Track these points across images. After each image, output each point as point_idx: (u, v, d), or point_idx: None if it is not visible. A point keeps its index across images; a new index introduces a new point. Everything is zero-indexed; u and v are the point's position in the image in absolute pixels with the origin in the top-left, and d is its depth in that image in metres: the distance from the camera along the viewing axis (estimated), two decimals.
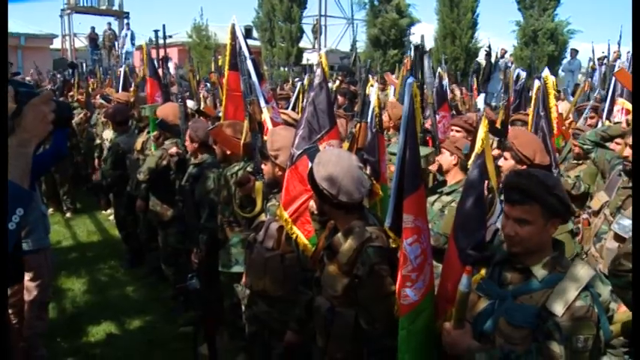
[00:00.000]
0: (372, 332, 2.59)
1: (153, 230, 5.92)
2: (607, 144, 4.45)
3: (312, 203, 3.08)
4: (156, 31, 5.86)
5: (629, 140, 3.65)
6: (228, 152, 4.24)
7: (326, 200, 2.69)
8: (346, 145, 3.43)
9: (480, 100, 7.23)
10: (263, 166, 3.55)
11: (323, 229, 3.04)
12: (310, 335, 3.03)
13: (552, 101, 3.87)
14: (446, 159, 3.80)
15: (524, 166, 3.15)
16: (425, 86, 5.98)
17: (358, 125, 3.46)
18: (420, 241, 2.41)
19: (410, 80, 2.47)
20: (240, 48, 4.29)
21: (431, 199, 3.82)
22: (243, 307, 3.85)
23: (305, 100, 3.44)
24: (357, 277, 2.61)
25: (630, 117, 4.69)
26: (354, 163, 2.72)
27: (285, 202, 3.24)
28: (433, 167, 4.08)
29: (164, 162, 5.28)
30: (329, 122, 3.39)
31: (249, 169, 3.97)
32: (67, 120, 2.65)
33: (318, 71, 3.43)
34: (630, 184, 3.72)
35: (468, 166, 3.21)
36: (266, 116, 4.01)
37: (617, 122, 4.96)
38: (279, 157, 3.38)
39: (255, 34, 28.66)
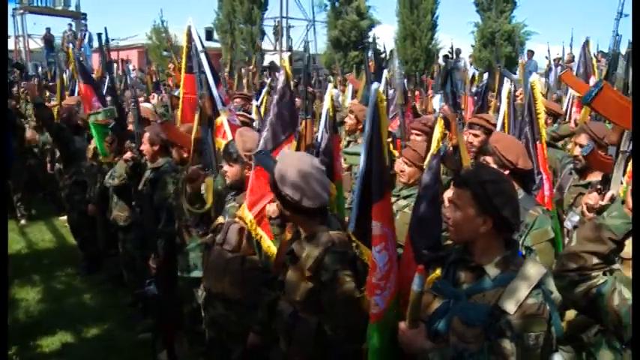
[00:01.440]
0: (335, 338, 2.58)
1: (111, 236, 5.82)
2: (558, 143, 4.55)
3: (269, 207, 3.06)
4: (99, 34, 5.76)
5: (578, 139, 3.75)
6: (185, 155, 4.20)
7: (288, 205, 2.66)
8: (294, 144, 3.44)
9: (436, 101, 7.29)
10: (227, 168, 3.50)
11: (283, 233, 3.03)
12: (272, 338, 3.01)
13: (541, 106, 3.91)
14: (414, 172, 3.77)
15: (507, 171, 3.13)
16: (395, 87, 6.00)
17: (304, 122, 3.46)
18: (387, 248, 2.38)
19: (375, 86, 2.43)
20: (197, 50, 4.24)
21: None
22: (203, 313, 3.81)
23: (269, 103, 3.45)
24: (320, 283, 2.59)
25: (579, 117, 4.83)
26: (316, 166, 2.70)
27: (249, 203, 3.23)
28: (398, 167, 4.09)
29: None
30: (292, 125, 3.42)
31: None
32: (9, 124, 2.57)
33: (282, 75, 3.44)
34: (581, 182, 3.82)
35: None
36: (223, 119, 3.98)
37: (566, 123, 5.09)
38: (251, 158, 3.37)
39: (216, 36, 28.47)
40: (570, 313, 2.82)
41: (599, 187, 2.97)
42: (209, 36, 29.94)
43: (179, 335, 4.40)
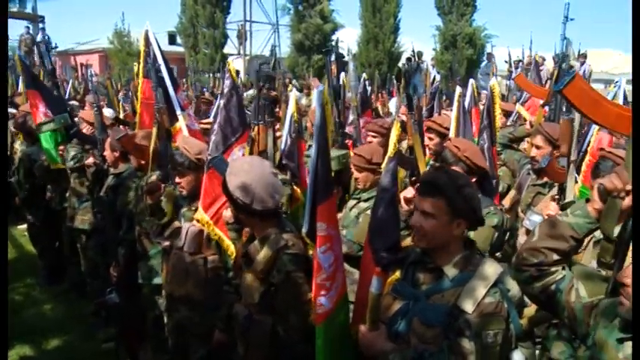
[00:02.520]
0: (288, 339, 2.60)
1: (75, 243, 5.72)
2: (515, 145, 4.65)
3: (226, 213, 3.07)
4: (37, 43, 5.68)
5: (534, 140, 3.84)
6: (143, 162, 4.16)
7: (240, 209, 2.69)
8: (247, 149, 3.46)
9: (393, 104, 7.37)
10: (180, 179, 3.48)
11: (239, 238, 3.03)
12: (235, 337, 3.01)
13: (498, 111, 3.97)
14: (366, 176, 3.79)
15: (475, 177, 3.16)
16: (348, 90, 6.08)
17: (256, 128, 3.49)
18: (332, 248, 2.42)
19: (320, 88, 2.48)
20: (154, 55, 4.21)
21: (350, 203, 3.86)
22: (165, 319, 3.78)
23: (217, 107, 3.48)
24: (273, 285, 2.61)
25: (535, 118, 4.95)
26: (266, 170, 2.73)
27: (204, 205, 3.26)
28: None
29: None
30: (241, 127, 3.47)
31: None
32: None
33: (227, 78, 3.49)
34: (538, 182, 3.90)
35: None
36: (182, 124, 3.95)
37: (521, 124, 5.21)
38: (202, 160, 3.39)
39: (179, 40, 28.22)
40: (529, 310, 2.88)
41: (556, 197, 3.08)
42: (172, 40, 29.63)
43: (144, 344, 4.33)
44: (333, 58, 6.94)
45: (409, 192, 3.08)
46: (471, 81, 4.67)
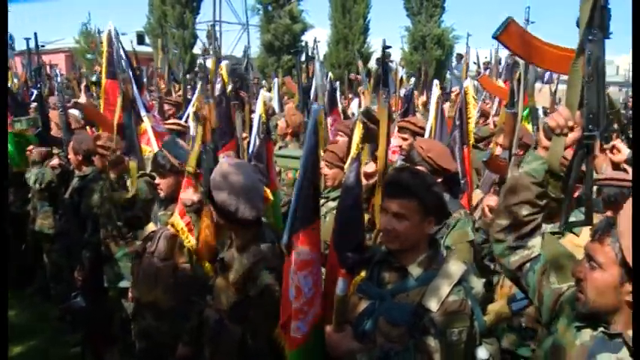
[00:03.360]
0: (256, 349, 2.57)
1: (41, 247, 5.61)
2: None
3: (184, 195, 3.04)
4: (27, 39, 5.58)
5: (499, 140, 3.89)
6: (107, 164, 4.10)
7: (223, 215, 2.65)
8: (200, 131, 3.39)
9: (355, 105, 7.39)
10: (160, 180, 3.42)
11: (198, 220, 3.00)
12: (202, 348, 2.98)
13: (472, 112, 4.00)
14: (336, 173, 3.79)
15: (440, 178, 3.12)
16: (316, 89, 6.11)
17: (207, 106, 3.42)
18: (312, 272, 2.31)
19: (315, 107, 2.33)
20: (118, 53, 4.15)
21: None
22: (132, 323, 3.73)
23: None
24: (248, 297, 2.58)
25: (497, 119, 5.03)
26: (255, 177, 2.69)
27: (181, 210, 3.19)
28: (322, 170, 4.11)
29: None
30: (228, 134, 3.45)
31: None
32: None
33: (219, 83, 3.45)
34: None
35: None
36: (147, 125, 3.91)
37: (486, 124, 5.29)
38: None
39: (147, 40, 27.90)
40: (493, 306, 2.92)
41: (497, 188, 3.11)
42: (141, 40, 29.22)
43: (111, 347, 4.28)
44: (303, 58, 6.95)
45: (370, 167, 3.08)
46: (435, 81, 4.72)
